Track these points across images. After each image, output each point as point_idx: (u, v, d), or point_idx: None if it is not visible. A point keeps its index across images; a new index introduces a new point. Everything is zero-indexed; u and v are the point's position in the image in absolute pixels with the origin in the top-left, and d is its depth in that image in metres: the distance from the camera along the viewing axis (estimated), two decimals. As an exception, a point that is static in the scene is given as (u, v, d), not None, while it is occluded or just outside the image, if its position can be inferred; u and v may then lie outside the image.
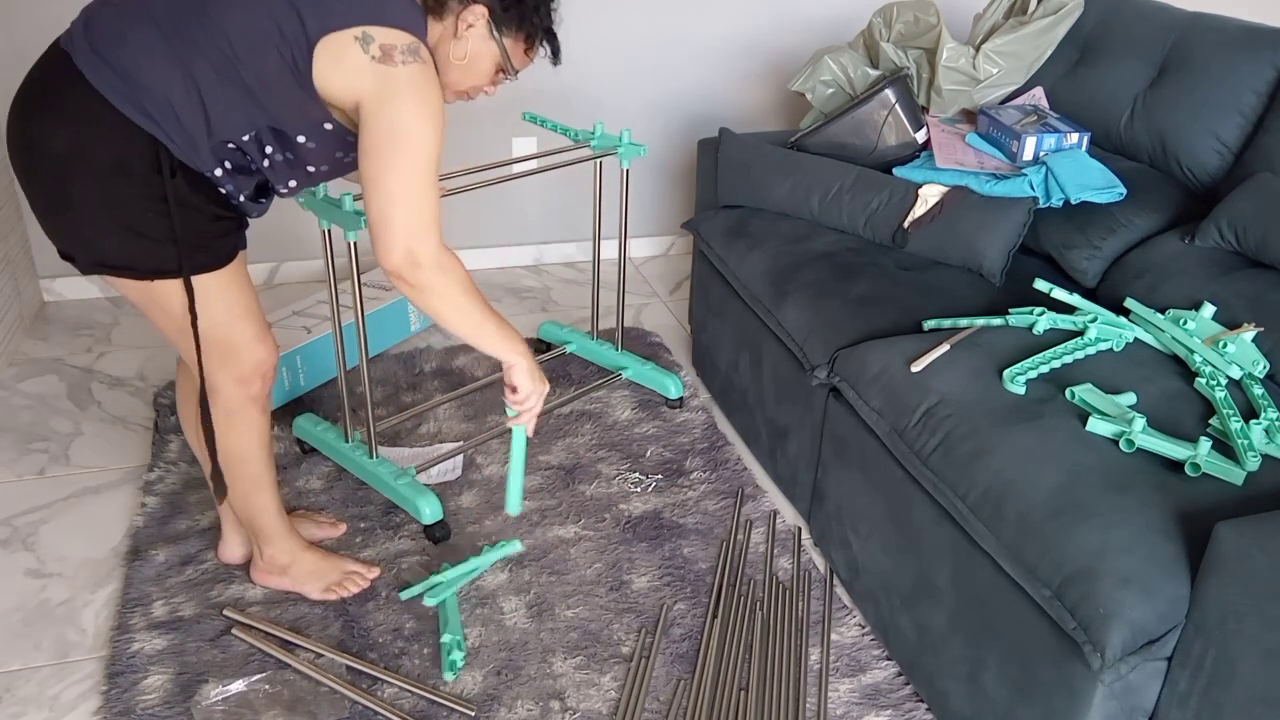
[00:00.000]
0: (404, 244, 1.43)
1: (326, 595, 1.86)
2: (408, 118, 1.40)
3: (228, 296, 1.56)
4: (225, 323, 1.57)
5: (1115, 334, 1.78)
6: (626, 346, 2.67)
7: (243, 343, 1.60)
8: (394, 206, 1.42)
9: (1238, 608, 1.22)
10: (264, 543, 1.83)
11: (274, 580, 1.87)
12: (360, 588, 1.88)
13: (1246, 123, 2.03)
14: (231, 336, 1.58)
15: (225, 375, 1.61)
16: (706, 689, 1.71)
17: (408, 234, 1.43)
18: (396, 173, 1.41)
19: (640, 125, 3.27)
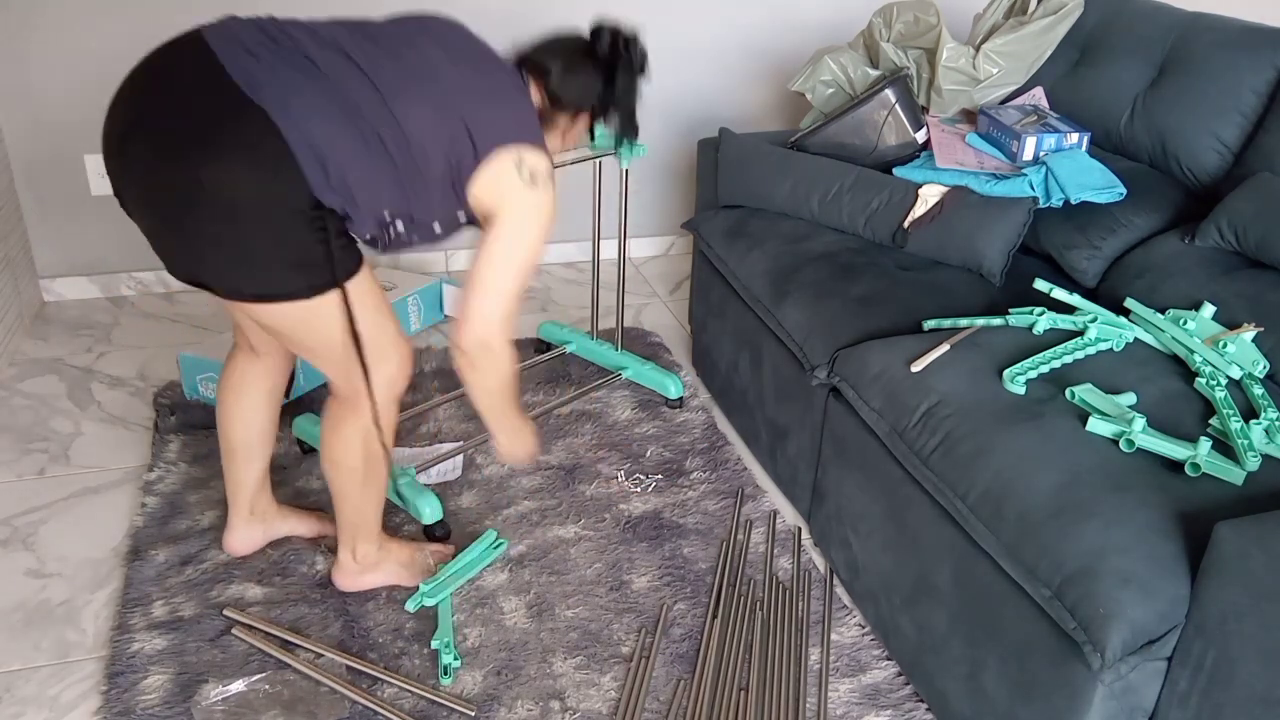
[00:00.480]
0: (485, 331, 1.57)
1: (418, 579, 1.88)
2: (534, 235, 1.57)
3: (375, 293, 1.60)
4: (381, 320, 1.60)
5: (1115, 334, 1.78)
6: (626, 346, 2.67)
7: (394, 337, 1.63)
8: (496, 302, 1.56)
9: (1238, 608, 1.22)
10: (361, 540, 1.82)
11: (368, 579, 1.86)
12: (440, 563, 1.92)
13: (1246, 123, 2.03)
14: (386, 332, 1.61)
15: (382, 373, 1.63)
16: (706, 689, 1.71)
17: (493, 325, 1.57)
18: (508, 277, 1.56)
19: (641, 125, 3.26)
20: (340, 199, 1.42)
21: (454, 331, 1.59)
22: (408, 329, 2.81)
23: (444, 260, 3.27)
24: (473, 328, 1.57)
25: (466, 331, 1.57)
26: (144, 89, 1.42)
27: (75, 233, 2.92)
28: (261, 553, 1.96)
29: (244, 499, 1.90)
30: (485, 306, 1.56)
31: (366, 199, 1.45)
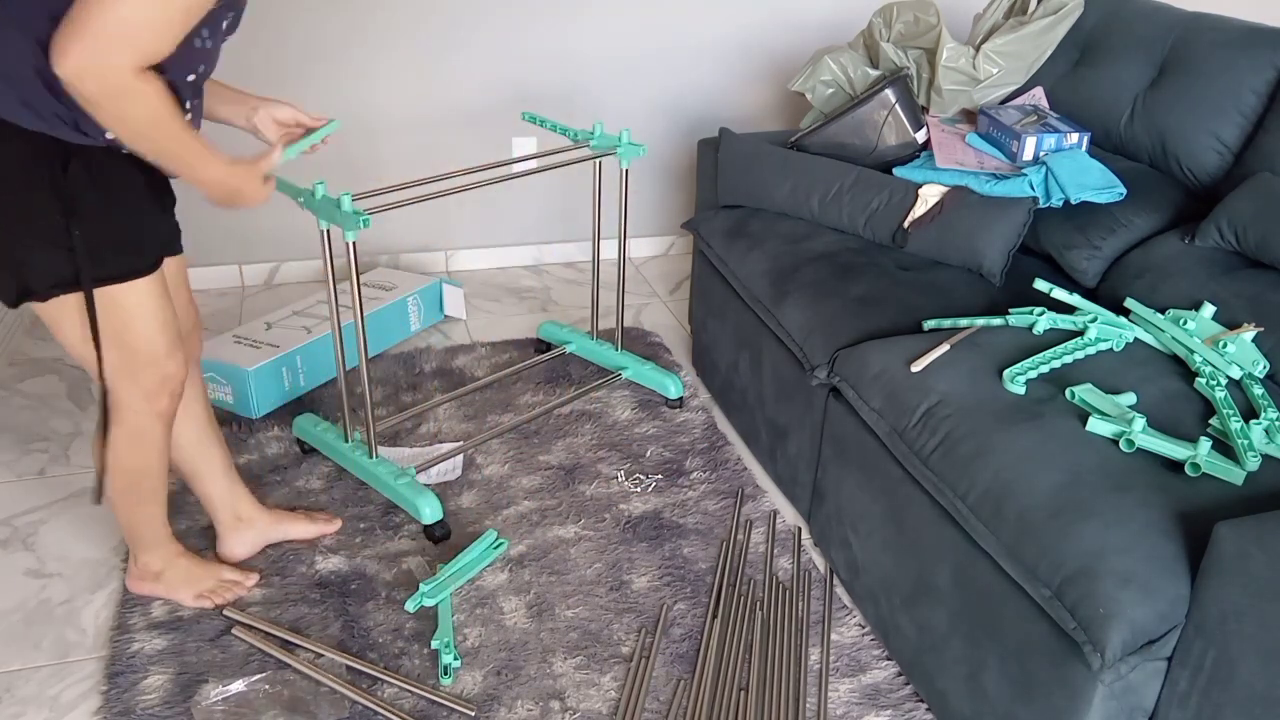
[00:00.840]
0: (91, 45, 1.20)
1: (200, 602, 1.83)
2: None
3: (148, 307, 1.51)
4: (146, 335, 1.51)
5: (1115, 334, 1.78)
6: (626, 346, 2.67)
7: (156, 357, 1.54)
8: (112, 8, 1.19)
9: (1238, 608, 1.22)
10: (141, 550, 1.81)
11: (147, 587, 1.84)
12: (236, 596, 1.86)
13: (1246, 123, 2.03)
14: (150, 350, 1.53)
15: (133, 389, 1.55)
16: (706, 689, 1.71)
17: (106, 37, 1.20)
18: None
19: (640, 125, 3.27)
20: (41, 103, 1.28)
21: (52, 45, 1.20)
22: (407, 329, 2.81)
23: (444, 260, 3.27)
24: (76, 30, 1.18)
25: (66, 37, 1.19)
26: None
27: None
28: (261, 553, 1.96)
29: (217, 510, 1.91)
30: (96, 11, 1.18)
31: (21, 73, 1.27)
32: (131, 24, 1.21)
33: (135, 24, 1.22)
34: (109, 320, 1.48)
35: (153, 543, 1.81)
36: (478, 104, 3.08)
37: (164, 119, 1.33)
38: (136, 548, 1.82)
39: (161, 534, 1.81)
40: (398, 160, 3.07)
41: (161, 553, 1.83)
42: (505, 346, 2.78)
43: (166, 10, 1.24)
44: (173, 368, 1.58)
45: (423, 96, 3.03)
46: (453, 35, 2.96)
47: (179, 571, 1.84)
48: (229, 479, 1.90)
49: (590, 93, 3.17)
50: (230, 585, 1.86)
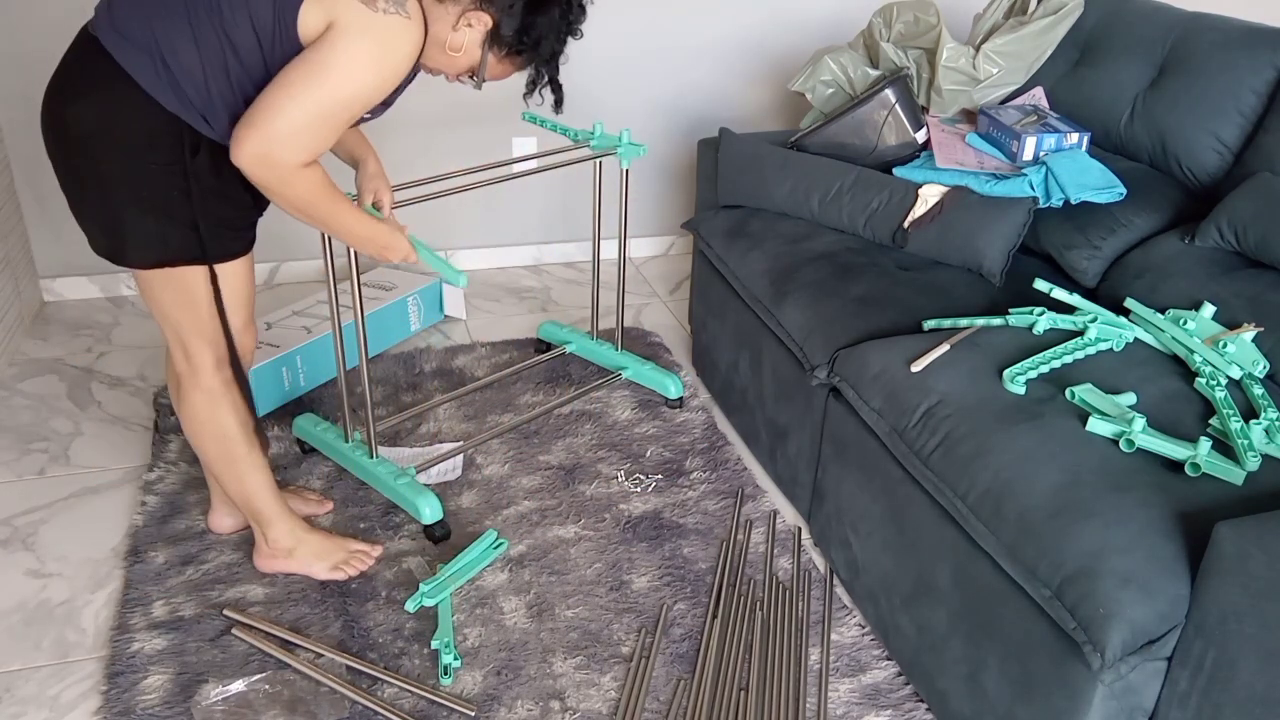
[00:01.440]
0: (267, 139, 1.39)
1: (334, 574, 1.89)
2: (363, 52, 1.41)
3: (235, 283, 1.64)
4: (227, 308, 1.64)
5: (1115, 334, 1.78)
6: (626, 346, 2.67)
7: (233, 330, 1.67)
8: (291, 109, 1.39)
9: (1238, 608, 1.22)
10: (266, 526, 1.85)
11: (280, 564, 1.89)
12: (366, 565, 1.92)
13: (1246, 123, 2.03)
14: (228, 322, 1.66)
15: (207, 353, 1.66)
16: (706, 689, 1.71)
17: (278, 133, 1.39)
18: (315, 86, 1.39)
19: (640, 125, 3.27)
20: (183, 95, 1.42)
21: (237, 136, 1.40)
22: (407, 329, 2.82)
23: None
24: (253, 132, 1.38)
25: (245, 137, 1.39)
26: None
27: (75, 233, 2.91)
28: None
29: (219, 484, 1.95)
30: (275, 108, 1.38)
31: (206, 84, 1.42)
32: (303, 130, 1.40)
33: (306, 130, 1.41)
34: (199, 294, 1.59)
35: (274, 517, 1.85)
36: (478, 104, 3.08)
37: (321, 199, 1.52)
38: (262, 524, 1.85)
39: (280, 508, 1.86)
40: (398, 160, 3.07)
41: (287, 526, 1.87)
42: (505, 346, 2.78)
43: (330, 120, 1.43)
44: (247, 340, 1.73)
45: (423, 97, 3.02)
46: (453, 35, 2.96)
47: (310, 546, 1.89)
48: None
49: (590, 93, 3.17)
50: (361, 555, 1.93)
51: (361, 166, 1.85)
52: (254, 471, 1.79)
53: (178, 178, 1.48)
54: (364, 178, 1.84)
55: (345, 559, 1.91)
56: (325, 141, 1.45)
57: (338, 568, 1.90)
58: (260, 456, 1.80)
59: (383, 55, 1.42)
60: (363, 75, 1.42)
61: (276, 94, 1.40)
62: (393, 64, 1.44)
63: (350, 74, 1.41)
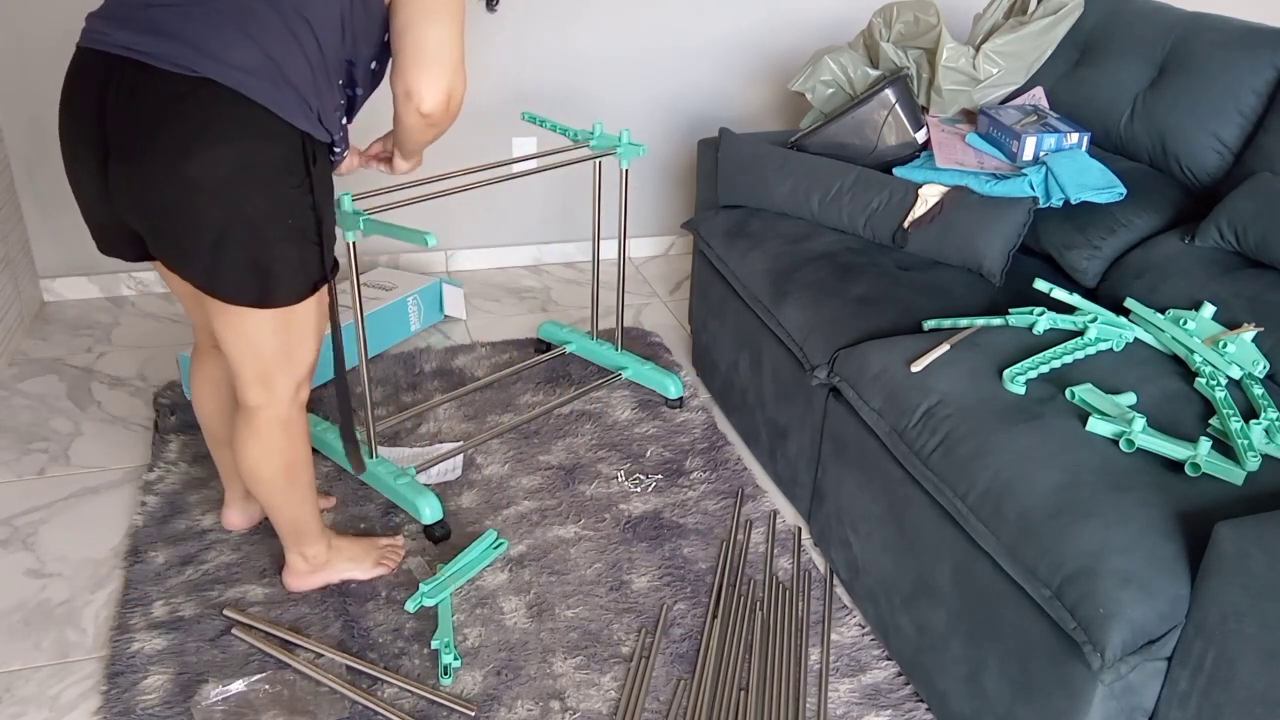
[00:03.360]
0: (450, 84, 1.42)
1: (378, 570, 1.90)
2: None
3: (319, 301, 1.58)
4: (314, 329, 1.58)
5: (1115, 334, 1.78)
6: (626, 346, 2.67)
7: (312, 349, 1.61)
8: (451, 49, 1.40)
9: (1238, 608, 1.22)
10: (306, 545, 1.82)
11: (318, 578, 1.87)
12: (400, 558, 1.94)
13: (1246, 123, 2.03)
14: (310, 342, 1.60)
15: (288, 380, 1.59)
16: (706, 689, 1.71)
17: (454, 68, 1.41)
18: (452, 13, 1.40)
19: (640, 125, 3.27)
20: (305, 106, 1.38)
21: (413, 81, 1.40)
22: (407, 329, 2.82)
23: (444, 260, 3.27)
24: (437, 71, 1.39)
25: (429, 79, 1.39)
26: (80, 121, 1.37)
27: (75, 233, 2.92)
28: (261, 552, 1.96)
29: (232, 479, 1.95)
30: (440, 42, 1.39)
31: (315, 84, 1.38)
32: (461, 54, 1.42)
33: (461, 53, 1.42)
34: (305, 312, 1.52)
35: (316, 534, 1.82)
36: (478, 104, 3.08)
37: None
38: (301, 543, 1.81)
39: (320, 526, 1.84)
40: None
41: (326, 541, 1.86)
42: (505, 346, 2.78)
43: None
44: (314, 357, 1.63)
45: (423, 96, 3.02)
46: (453, 35, 2.96)
47: (343, 554, 1.89)
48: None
49: (590, 93, 3.17)
50: (393, 549, 1.94)
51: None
52: (311, 495, 1.76)
53: (307, 194, 1.43)
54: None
55: (381, 555, 1.92)
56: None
57: (379, 563, 1.91)
58: (308, 477, 1.75)
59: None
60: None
61: (430, 28, 1.37)
62: None
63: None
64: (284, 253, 1.44)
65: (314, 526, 1.81)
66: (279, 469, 1.67)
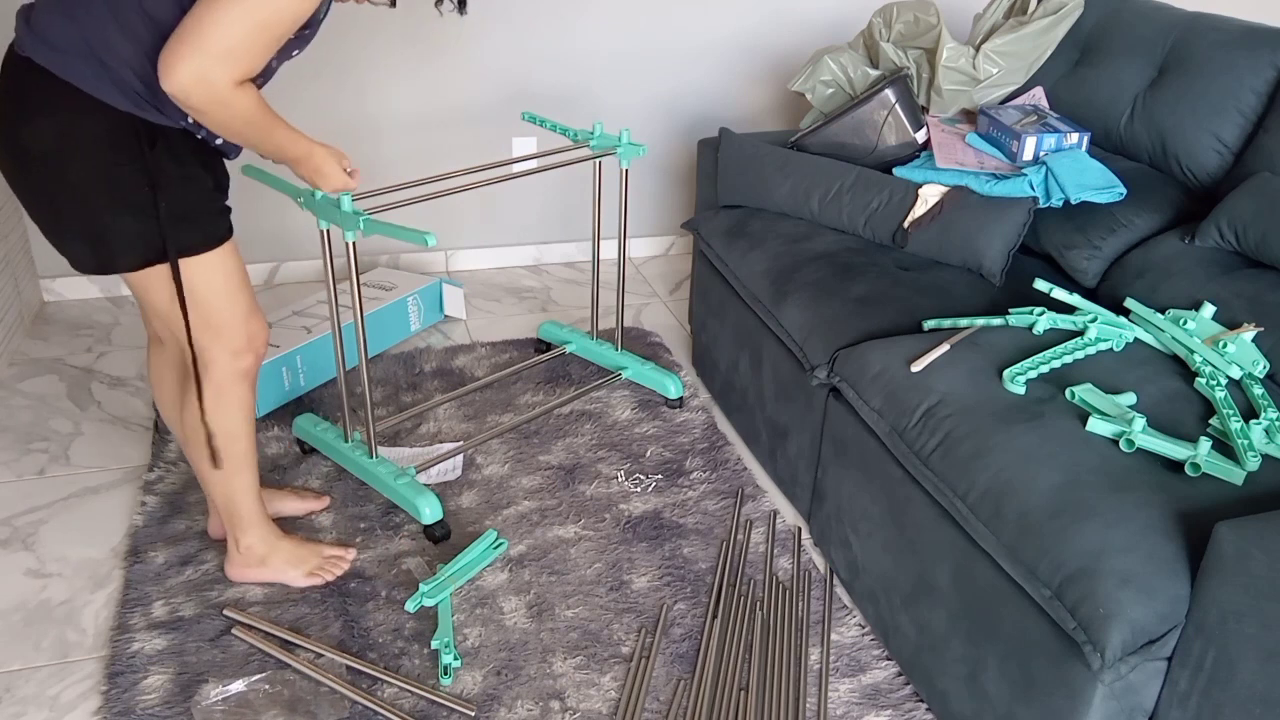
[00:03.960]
0: (202, 62, 1.35)
1: (311, 580, 1.88)
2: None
3: (222, 273, 1.62)
4: (228, 298, 1.63)
5: (1115, 334, 1.78)
6: (626, 346, 2.67)
7: (239, 317, 1.66)
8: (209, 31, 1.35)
9: (1238, 608, 1.22)
10: (241, 531, 1.84)
11: (253, 573, 1.87)
12: (341, 570, 1.91)
13: (1246, 123, 2.03)
14: (233, 311, 1.65)
15: (220, 349, 1.65)
16: (706, 689, 1.71)
17: (213, 55, 1.36)
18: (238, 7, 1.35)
19: (640, 125, 3.27)
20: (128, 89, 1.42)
21: (161, 61, 1.36)
22: (407, 329, 2.82)
23: (444, 260, 3.27)
24: (187, 50, 1.34)
25: (179, 57, 1.35)
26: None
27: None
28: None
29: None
30: (208, 24, 1.34)
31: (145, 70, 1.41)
32: (234, 44, 1.37)
33: (236, 44, 1.37)
34: (194, 286, 1.59)
35: (252, 519, 1.83)
36: (478, 104, 3.08)
37: (261, 117, 1.50)
38: (237, 529, 1.84)
39: (259, 511, 1.84)
40: (398, 160, 3.07)
41: (262, 533, 1.86)
42: (505, 346, 2.78)
43: (262, 34, 1.39)
44: (255, 326, 1.69)
45: (423, 96, 3.03)
46: (453, 35, 2.96)
47: (283, 553, 1.88)
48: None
49: (590, 93, 3.17)
50: (336, 560, 1.92)
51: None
52: (246, 470, 1.79)
53: (140, 173, 1.48)
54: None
55: (320, 564, 1.90)
56: (258, 60, 1.41)
57: (314, 574, 1.88)
58: (255, 456, 1.79)
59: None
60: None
61: (205, 13, 1.35)
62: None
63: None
64: (118, 224, 1.50)
65: (247, 513, 1.82)
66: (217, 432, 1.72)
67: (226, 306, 1.63)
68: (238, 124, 1.47)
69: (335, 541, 1.99)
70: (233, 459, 1.75)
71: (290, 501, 2.05)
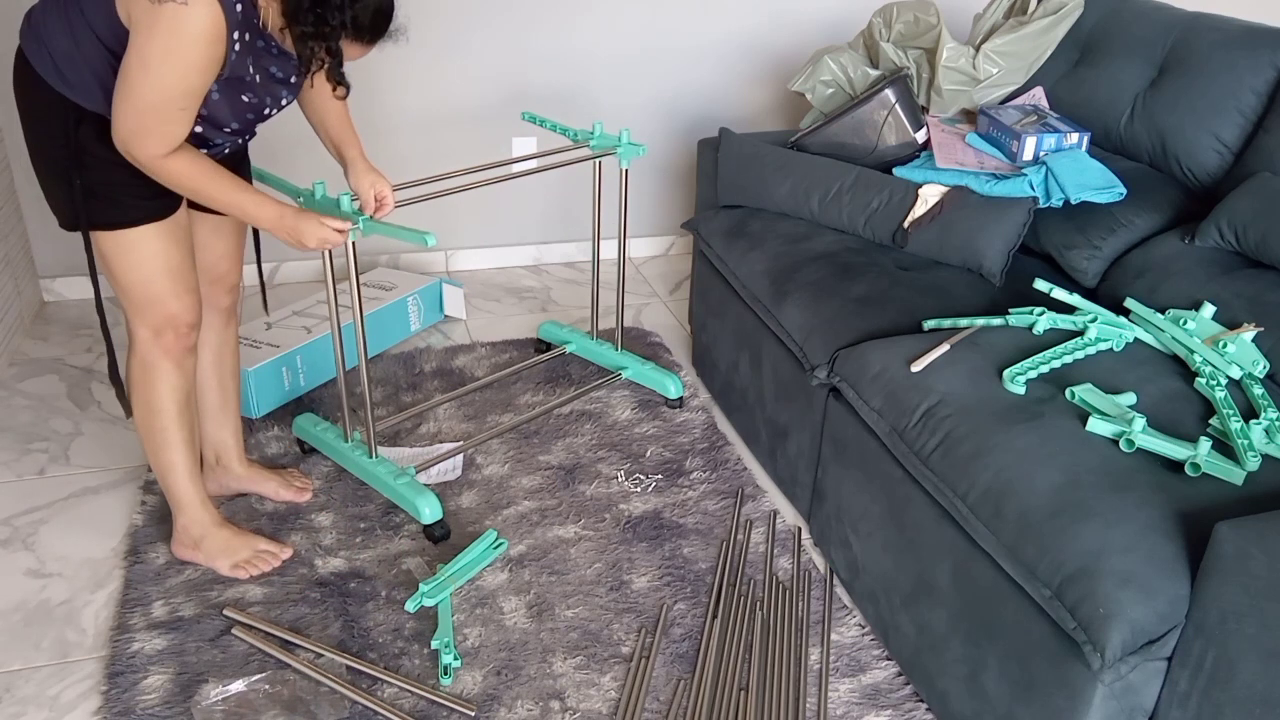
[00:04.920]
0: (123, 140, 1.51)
1: (236, 572, 1.91)
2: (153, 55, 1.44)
3: (142, 253, 1.66)
4: (144, 277, 1.68)
5: (1115, 334, 1.78)
6: (626, 346, 2.67)
7: (157, 297, 1.70)
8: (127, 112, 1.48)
9: (1238, 608, 1.22)
10: (177, 511, 1.90)
11: (188, 553, 1.92)
12: (271, 566, 1.93)
13: (1246, 123, 2.03)
14: (149, 290, 1.69)
15: (140, 324, 1.72)
16: (706, 689, 1.71)
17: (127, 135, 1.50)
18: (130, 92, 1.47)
19: (640, 125, 3.27)
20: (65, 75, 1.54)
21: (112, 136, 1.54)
22: (407, 329, 2.82)
23: (444, 260, 3.27)
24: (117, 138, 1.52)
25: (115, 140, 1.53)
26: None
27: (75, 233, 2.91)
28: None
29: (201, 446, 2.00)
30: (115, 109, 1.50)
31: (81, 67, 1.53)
32: (140, 127, 1.48)
33: (142, 127, 1.48)
34: (113, 259, 1.66)
35: (185, 503, 1.88)
36: (478, 104, 3.08)
37: (200, 182, 1.58)
38: (173, 507, 1.90)
39: (192, 494, 1.88)
40: (398, 160, 3.07)
41: (196, 517, 1.90)
42: (505, 346, 2.78)
43: (162, 113, 1.48)
44: (176, 308, 1.72)
45: (423, 97, 3.03)
46: (453, 35, 2.96)
47: (217, 541, 1.91)
48: (218, 422, 2.01)
49: (590, 93, 3.17)
50: (266, 556, 1.94)
51: (350, 167, 1.86)
52: (171, 449, 1.82)
53: (68, 147, 1.57)
54: (355, 177, 1.86)
55: (249, 558, 1.92)
56: (169, 134, 1.50)
57: (239, 566, 1.90)
58: (185, 437, 1.83)
59: (167, 48, 1.43)
60: (161, 68, 1.44)
61: (114, 99, 1.49)
62: (183, 52, 1.43)
63: (151, 69, 1.44)
64: (50, 187, 1.64)
65: (179, 494, 1.87)
66: (140, 411, 1.79)
67: (141, 285, 1.68)
68: (180, 187, 1.58)
69: (272, 538, 1.99)
70: (155, 434, 1.81)
71: (271, 484, 2.08)
